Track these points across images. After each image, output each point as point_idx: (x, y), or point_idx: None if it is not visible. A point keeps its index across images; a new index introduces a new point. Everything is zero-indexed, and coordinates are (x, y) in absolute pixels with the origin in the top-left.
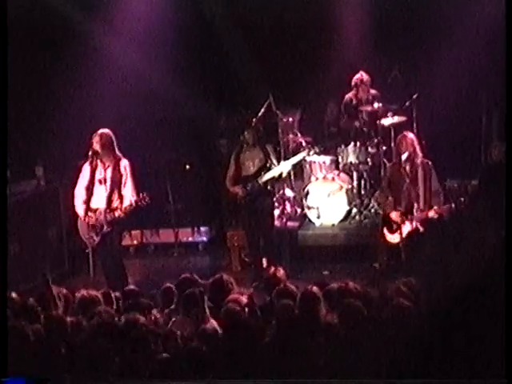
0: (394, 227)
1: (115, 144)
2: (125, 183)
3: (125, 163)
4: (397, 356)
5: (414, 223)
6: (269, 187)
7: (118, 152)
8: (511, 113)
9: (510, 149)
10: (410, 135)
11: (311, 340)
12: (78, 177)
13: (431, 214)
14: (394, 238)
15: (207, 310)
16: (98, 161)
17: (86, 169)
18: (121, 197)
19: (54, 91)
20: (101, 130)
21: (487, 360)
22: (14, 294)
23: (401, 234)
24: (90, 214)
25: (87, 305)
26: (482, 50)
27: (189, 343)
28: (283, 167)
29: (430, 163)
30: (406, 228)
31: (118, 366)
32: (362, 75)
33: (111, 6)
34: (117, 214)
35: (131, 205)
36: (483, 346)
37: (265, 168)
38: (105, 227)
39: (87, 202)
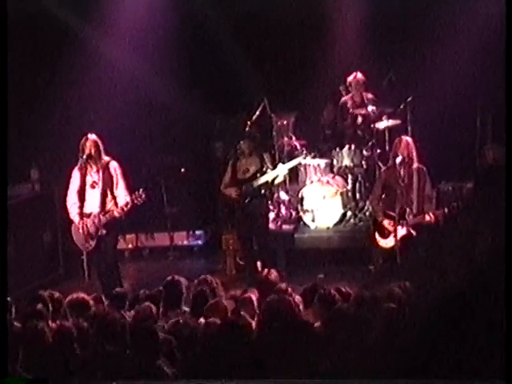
0: (386, 232)
1: (102, 148)
2: (117, 184)
3: (114, 165)
4: (395, 357)
5: (406, 228)
6: (263, 190)
7: (104, 156)
8: (511, 115)
9: (509, 151)
10: (407, 139)
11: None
12: (68, 184)
13: (428, 217)
14: (386, 243)
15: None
16: (88, 165)
17: (76, 175)
18: (114, 198)
19: (49, 94)
20: (89, 135)
21: (486, 361)
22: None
23: (395, 237)
24: (84, 219)
25: (78, 308)
26: (477, 52)
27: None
28: (278, 171)
29: (424, 169)
30: (400, 232)
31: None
32: (356, 75)
33: (107, 10)
34: (115, 213)
35: (127, 203)
36: (482, 346)
37: (260, 172)
38: (100, 230)
39: (81, 207)
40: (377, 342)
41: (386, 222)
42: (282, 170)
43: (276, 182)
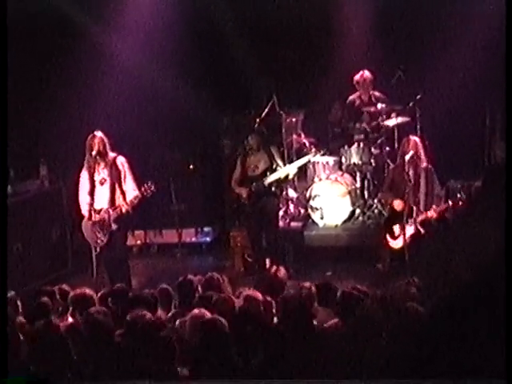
0: (397, 233)
1: (108, 145)
2: (125, 179)
3: (121, 160)
4: (397, 356)
5: (414, 226)
6: (273, 188)
7: (110, 152)
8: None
9: (510, 150)
10: (415, 139)
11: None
12: (78, 184)
13: (430, 213)
14: (396, 244)
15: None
16: (96, 163)
17: (84, 175)
18: (123, 193)
19: (58, 89)
20: (95, 132)
21: (487, 360)
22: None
23: (404, 237)
24: (94, 215)
25: (81, 303)
26: (486, 50)
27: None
28: (289, 169)
29: (432, 169)
30: (408, 231)
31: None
32: (363, 73)
33: (112, 6)
34: (124, 208)
35: (137, 196)
36: (483, 346)
37: (270, 169)
38: (112, 225)
39: (91, 204)
40: (377, 342)
41: (395, 227)
42: (292, 168)
43: (286, 179)
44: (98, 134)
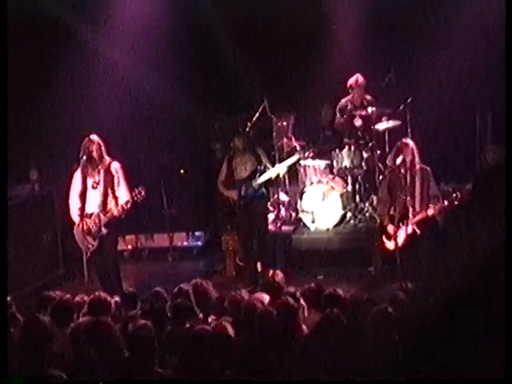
0: (393, 234)
1: (104, 149)
2: (118, 184)
3: (115, 165)
4: (395, 357)
5: (410, 226)
6: (263, 189)
7: (106, 156)
8: (511, 115)
9: (509, 151)
10: (410, 142)
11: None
12: (70, 185)
13: (429, 212)
14: (392, 245)
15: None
16: (90, 166)
17: (78, 176)
18: (115, 198)
19: (49, 95)
20: (92, 136)
21: (486, 362)
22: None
23: (395, 240)
24: (85, 219)
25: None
26: (477, 53)
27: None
28: (278, 170)
29: (428, 169)
30: (404, 232)
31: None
32: (357, 77)
33: (106, 10)
34: (115, 212)
35: (128, 201)
36: (482, 347)
37: (258, 171)
38: (102, 230)
39: (82, 208)
40: (376, 342)
41: (390, 226)
42: (281, 168)
43: (277, 179)
44: (94, 137)
